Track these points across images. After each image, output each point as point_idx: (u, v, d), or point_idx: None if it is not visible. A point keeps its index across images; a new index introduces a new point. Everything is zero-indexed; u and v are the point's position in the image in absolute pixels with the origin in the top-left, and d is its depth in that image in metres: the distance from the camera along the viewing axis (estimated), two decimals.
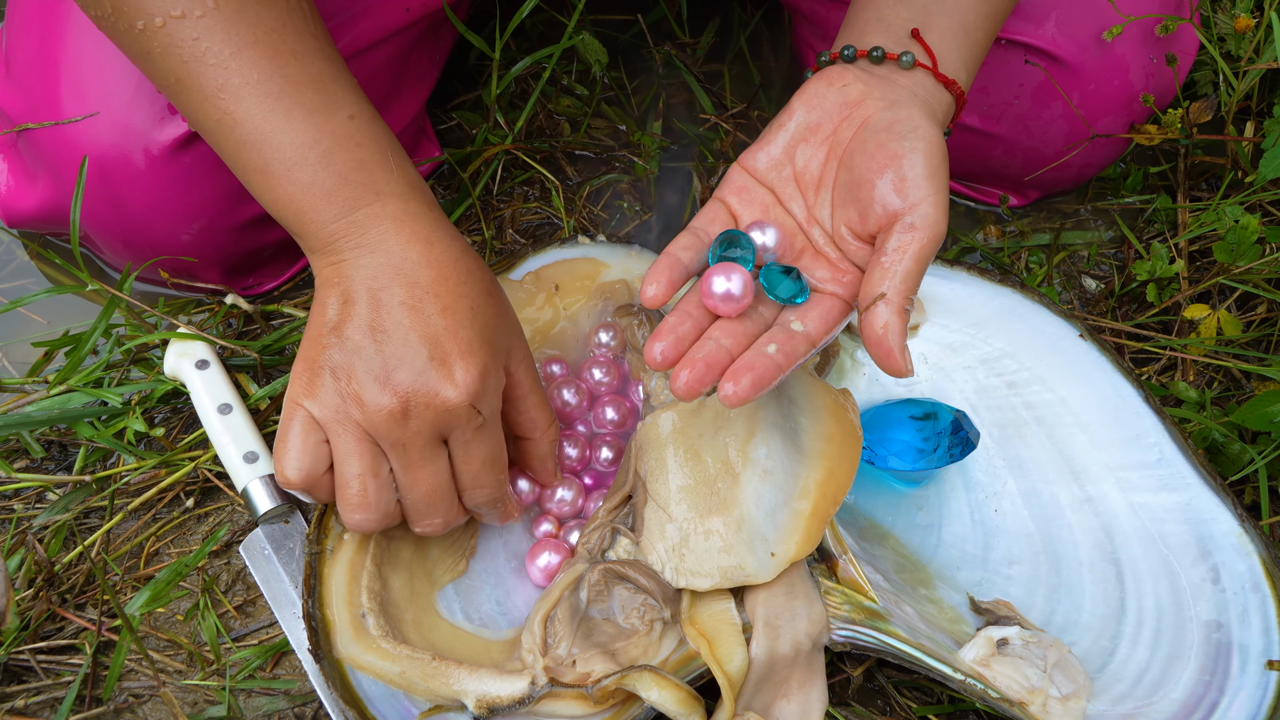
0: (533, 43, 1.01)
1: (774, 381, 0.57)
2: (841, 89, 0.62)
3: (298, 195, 0.62)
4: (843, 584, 0.67)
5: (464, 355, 0.60)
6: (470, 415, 0.61)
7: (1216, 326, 0.81)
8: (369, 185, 0.62)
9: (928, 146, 0.59)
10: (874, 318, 0.57)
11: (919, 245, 0.57)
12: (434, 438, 0.61)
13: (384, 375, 0.59)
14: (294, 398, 0.61)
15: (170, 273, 0.82)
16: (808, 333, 0.59)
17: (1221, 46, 0.91)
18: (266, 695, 0.69)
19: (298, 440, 0.61)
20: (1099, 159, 0.88)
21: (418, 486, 0.62)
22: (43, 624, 0.71)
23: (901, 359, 0.57)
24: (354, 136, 0.63)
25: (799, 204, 0.63)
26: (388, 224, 0.62)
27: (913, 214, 0.58)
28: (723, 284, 0.59)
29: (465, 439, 0.62)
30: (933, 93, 0.63)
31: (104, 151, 0.76)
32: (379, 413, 0.59)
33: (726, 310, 0.58)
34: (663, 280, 0.59)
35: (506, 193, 0.93)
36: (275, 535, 0.73)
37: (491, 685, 0.63)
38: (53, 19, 0.77)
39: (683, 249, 0.61)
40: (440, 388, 0.60)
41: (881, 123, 0.60)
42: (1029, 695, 0.63)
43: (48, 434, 0.79)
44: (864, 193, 0.59)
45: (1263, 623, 0.67)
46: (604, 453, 0.75)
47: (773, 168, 0.64)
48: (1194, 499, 0.72)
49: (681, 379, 0.57)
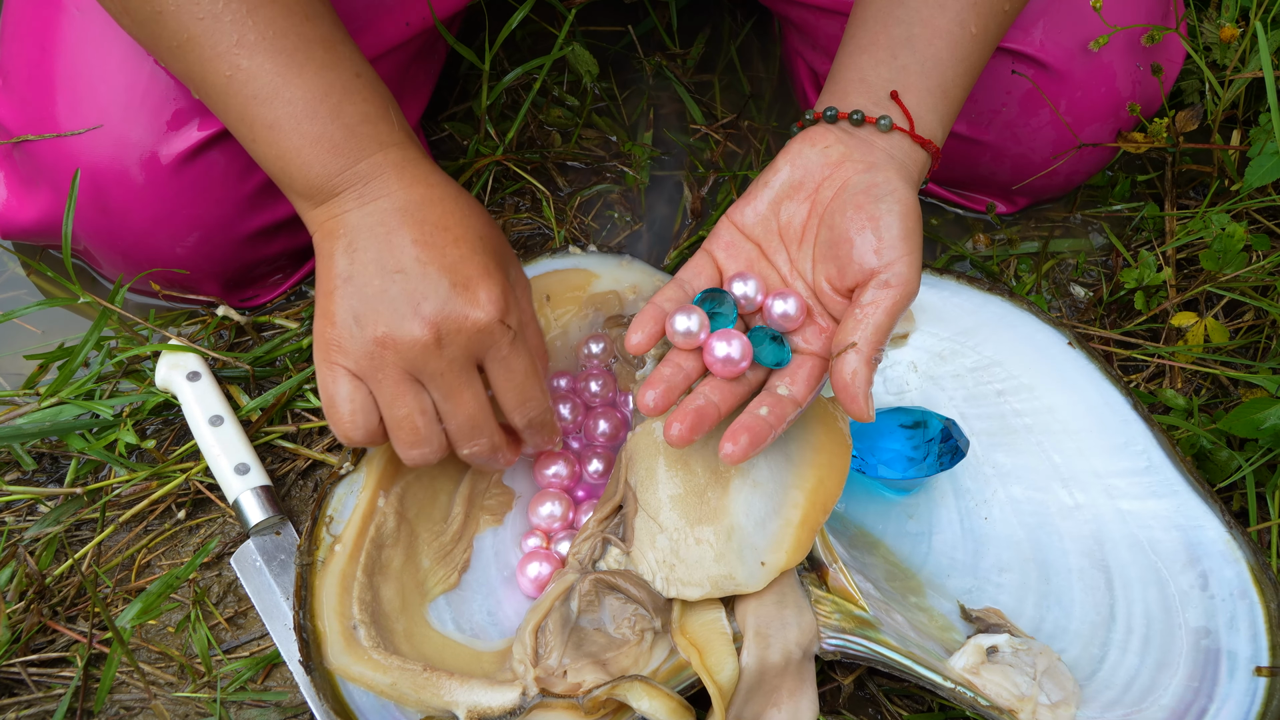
0: (523, 54, 1.01)
1: (768, 440, 0.61)
2: (824, 150, 0.66)
3: (305, 148, 0.63)
4: (833, 593, 0.67)
5: (484, 277, 0.63)
6: (503, 330, 0.63)
7: (1204, 334, 0.81)
8: (373, 136, 0.64)
9: (903, 209, 0.63)
10: (844, 365, 0.61)
11: (892, 301, 0.61)
12: (469, 362, 0.63)
13: (411, 310, 0.61)
14: (326, 358, 0.63)
15: (169, 286, 0.82)
16: (793, 396, 0.63)
17: (1207, 55, 0.92)
18: (257, 707, 0.69)
19: (346, 399, 0.63)
20: (1086, 166, 0.89)
21: (461, 411, 0.64)
22: (34, 637, 0.71)
23: (864, 405, 0.61)
24: (361, 91, 0.65)
25: (783, 257, 0.67)
26: (389, 171, 0.64)
27: (888, 272, 0.62)
28: (724, 349, 0.63)
29: (503, 355, 0.64)
30: (909, 153, 0.66)
31: (105, 165, 0.76)
32: (413, 347, 0.61)
33: (726, 372, 0.63)
34: (647, 330, 0.63)
35: (498, 203, 0.93)
36: (266, 547, 0.73)
37: (482, 696, 0.63)
38: (51, 29, 0.77)
39: (667, 300, 0.65)
40: (469, 310, 0.62)
41: (860, 185, 0.64)
42: (1019, 703, 0.63)
43: (39, 446, 0.79)
44: (843, 251, 0.63)
45: (1251, 629, 0.67)
46: (594, 465, 0.75)
47: (759, 223, 0.67)
48: (1182, 506, 0.72)
49: (675, 429, 0.60)
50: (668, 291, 0.65)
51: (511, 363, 0.64)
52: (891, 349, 0.81)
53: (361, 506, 0.69)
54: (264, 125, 0.64)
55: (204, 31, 0.63)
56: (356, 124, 0.64)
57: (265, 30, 0.63)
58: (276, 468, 0.78)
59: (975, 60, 0.69)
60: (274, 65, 0.63)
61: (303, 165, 0.64)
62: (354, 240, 0.63)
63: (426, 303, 0.61)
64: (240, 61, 0.63)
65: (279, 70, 0.63)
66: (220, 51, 0.63)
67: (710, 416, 0.62)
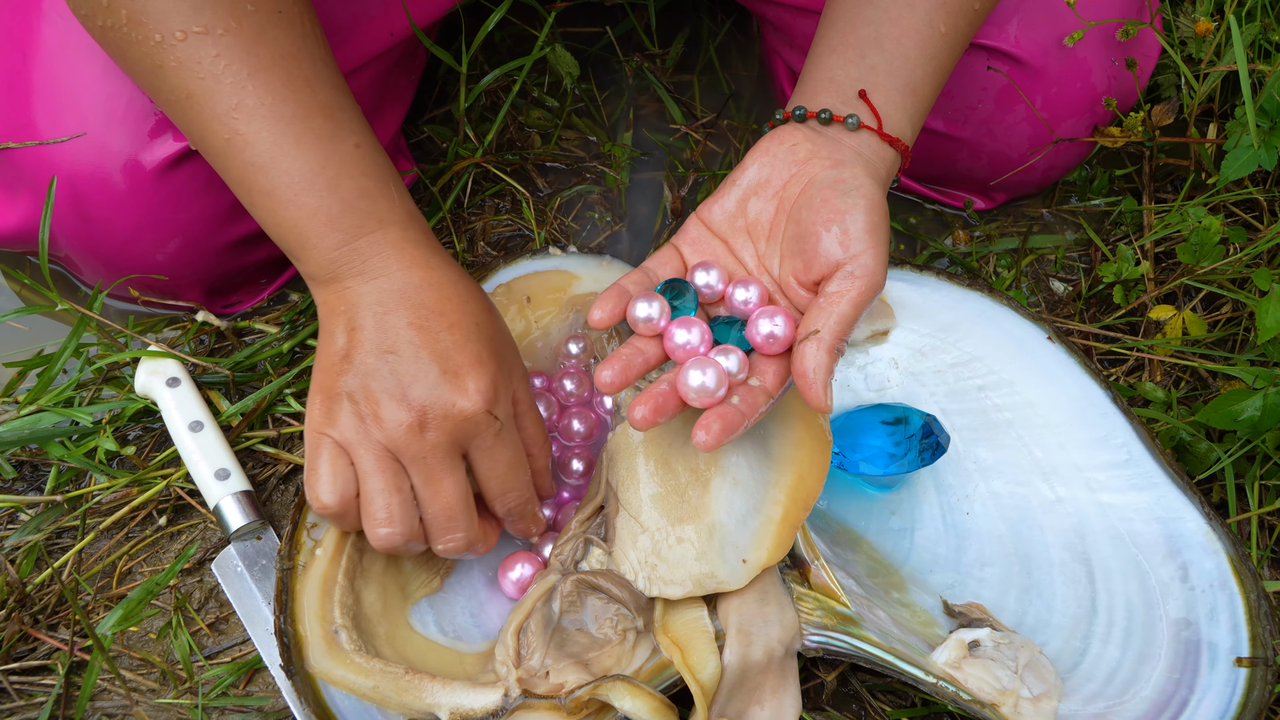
0: (503, 56, 1.01)
1: (740, 429, 0.60)
2: (791, 147, 0.66)
3: (303, 220, 0.63)
4: (815, 589, 0.67)
5: (474, 366, 0.62)
6: (488, 421, 0.62)
7: (1182, 327, 0.82)
8: (372, 213, 0.64)
9: (868, 204, 0.63)
10: (804, 352, 0.60)
11: (857, 292, 0.61)
12: (452, 449, 0.62)
13: (399, 392, 0.61)
14: (315, 427, 0.63)
15: (149, 292, 0.82)
16: (765, 387, 0.63)
17: (1183, 50, 0.92)
18: (239, 713, 0.69)
19: (327, 467, 0.62)
20: (1064, 162, 0.89)
21: (439, 499, 0.63)
22: (15, 645, 0.71)
23: (823, 394, 0.60)
24: (360, 164, 0.64)
25: (749, 252, 0.67)
26: (389, 251, 0.64)
27: (853, 264, 0.61)
28: (684, 335, 0.63)
29: (487, 445, 0.63)
30: (877, 151, 0.66)
31: (86, 172, 0.75)
32: (398, 428, 0.61)
33: (702, 402, 0.61)
34: (608, 308, 0.63)
35: (478, 205, 0.93)
36: (247, 552, 0.72)
37: (464, 698, 0.63)
38: (32, 36, 0.76)
39: (633, 283, 0.65)
40: (455, 399, 0.61)
41: (826, 181, 0.64)
42: (1000, 696, 0.63)
43: (19, 454, 0.78)
44: (809, 244, 0.63)
45: (1231, 620, 0.67)
46: (575, 465, 0.75)
47: (726, 220, 0.67)
48: (1162, 498, 0.72)
49: (638, 412, 0.60)
50: (634, 276, 0.65)
51: (495, 453, 0.64)
52: (872, 346, 0.81)
53: None
54: (261, 193, 0.63)
55: (204, 91, 0.62)
56: (354, 199, 0.63)
57: (264, 96, 0.62)
58: (257, 473, 0.78)
59: (945, 59, 0.69)
60: (271, 133, 0.62)
61: (300, 237, 0.64)
62: (353, 319, 0.63)
63: (415, 387, 0.61)
64: (239, 126, 0.62)
65: (276, 139, 0.62)
66: (219, 114, 0.62)
67: (673, 402, 0.61)
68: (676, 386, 0.61)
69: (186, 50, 0.62)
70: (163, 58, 0.62)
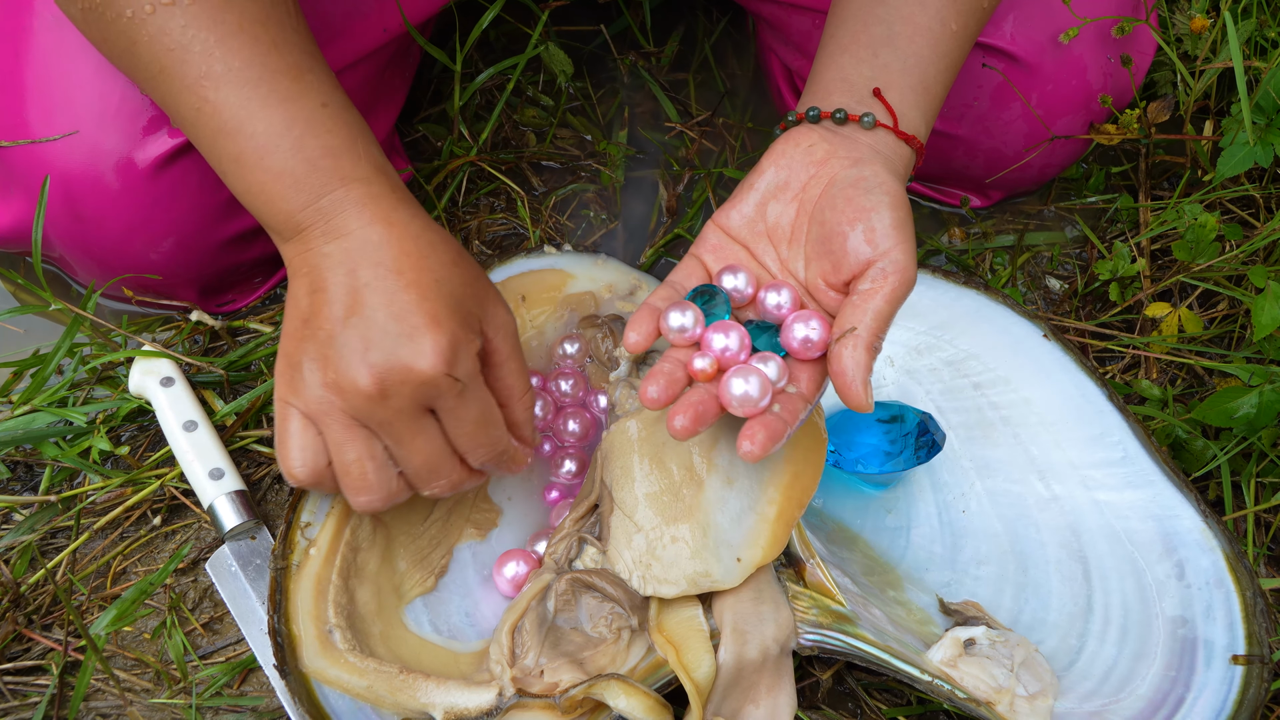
0: (498, 54, 1.01)
1: (784, 438, 0.59)
2: (808, 148, 0.65)
3: (269, 183, 0.63)
4: (810, 588, 0.67)
5: (431, 327, 0.61)
6: (449, 384, 0.61)
7: (1178, 324, 0.81)
8: (335, 171, 0.63)
9: (892, 200, 0.62)
10: (842, 352, 0.59)
11: (891, 287, 0.60)
12: (417, 410, 0.62)
13: (359, 358, 0.60)
14: (282, 397, 0.63)
15: (143, 291, 0.82)
16: (802, 393, 0.62)
17: (1179, 47, 0.92)
18: (233, 712, 0.69)
19: (295, 439, 0.62)
20: (1060, 159, 0.89)
21: (414, 458, 0.63)
22: (9, 645, 0.71)
23: (863, 393, 0.59)
24: (325, 123, 0.64)
25: (772, 256, 0.66)
26: (351, 209, 0.63)
27: (884, 260, 0.60)
28: (721, 340, 0.61)
29: (450, 406, 0.62)
30: (894, 149, 0.65)
31: (79, 171, 0.75)
32: (358, 396, 0.60)
33: (745, 411, 0.60)
34: (643, 329, 0.62)
35: (472, 204, 0.93)
36: (242, 552, 0.72)
37: (459, 697, 0.63)
38: (24, 36, 0.76)
39: (661, 299, 0.64)
40: (413, 361, 0.60)
41: (848, 179, 0.63)
42: (996, 695, 0.63)
43: (13, 454, 0.78)
44: (836, 244, 0.62)
45: (1227, 618, 0.67)
46: (568, 465, 0.75)
47: (745, 225, 0.66)
48: (1158, 495, 0.72)
49: (678, 421, 0.59)
50: (661, 292, 0.64)
51: (459, 413, 0.63)
52: None
53: (337, 510, 0.69)
54: (230, 159, 0.63)
55: (173, 63, 0.62)
56: (318, 158, 0.63)
57: (231, 61, 0.62)
58: (251, 472, 0.78)
59: (955, 57, 0.69)
60: (238, 98, 0.62)
61: (267, 200, 0.63)
62: (315, 280, 0.62)
63: (373, 351, 0.60)
64: (207, 94, 0.62)
65: (243, 103, 0.62)
66: (188, 84, 0.62)
67: (712, 410, 0.60)
68: (718, 395, 0.60)
69: (157, 23, 0.61)
70: (136, 33, 0.62)
